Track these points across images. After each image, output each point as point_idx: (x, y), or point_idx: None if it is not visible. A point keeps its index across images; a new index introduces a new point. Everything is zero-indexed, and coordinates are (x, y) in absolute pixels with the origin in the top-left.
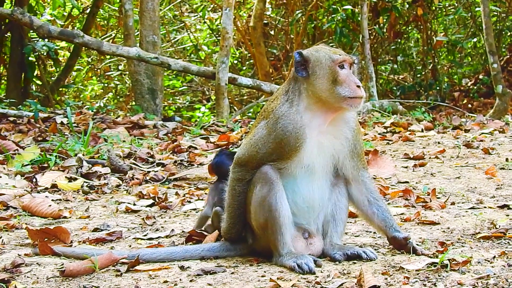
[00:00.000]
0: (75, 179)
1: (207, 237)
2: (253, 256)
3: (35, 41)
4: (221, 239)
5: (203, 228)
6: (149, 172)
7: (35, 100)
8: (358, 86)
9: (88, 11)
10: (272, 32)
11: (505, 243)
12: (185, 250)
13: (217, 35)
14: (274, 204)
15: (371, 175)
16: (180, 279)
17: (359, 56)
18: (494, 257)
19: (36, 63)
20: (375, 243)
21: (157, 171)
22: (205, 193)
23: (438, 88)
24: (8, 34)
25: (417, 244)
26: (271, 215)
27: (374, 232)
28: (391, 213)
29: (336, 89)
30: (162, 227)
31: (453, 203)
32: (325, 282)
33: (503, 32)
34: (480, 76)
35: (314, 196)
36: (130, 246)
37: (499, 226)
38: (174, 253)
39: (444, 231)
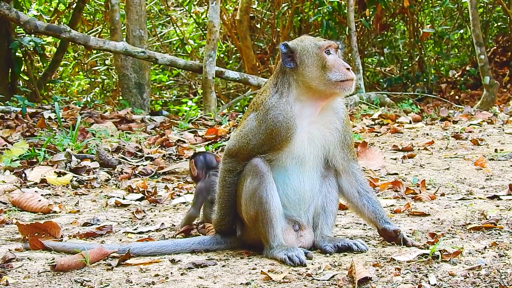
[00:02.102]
0: (64, 174)
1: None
2: (243, 249)
3: (22, 37)
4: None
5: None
6: (138, 166)
7: (22, 96)
8: (348, 69)
9: (74, 6)
10: (258, 26)
11: (496, 234)
12: (175, 244)
13: (203, 29)
14: (264, 197)
15: (360, 167)
16: (171, 273)
17: (344, 47)
18: (485, 247)
19: (23, 58)
20: (366, 235)
21: (145, 165)
22: (194, 187)
23: (425, 80)
24: None
25: (408, 236)
26: (262, 208)
27: (364, 224)
28: (381, 205)
29: (326, 75)
30: (152, 221)
31: (442, 194)
32: (316, 274)
33: (490, 23)
34: (467, 68)
35: (304, 188)
36: (120, 240)
37: (490, 216)
38: (165, 246)
39: (434, 222)
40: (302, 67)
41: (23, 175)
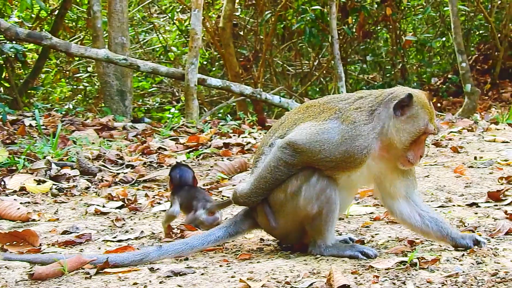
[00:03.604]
0: (44, 181)
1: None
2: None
3: (3, 44)
4: None
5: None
6: (118, 174)
7: (3, 103)
8: (421, 157)
9: (56, 13)
10: (241, 33)
11: None
12: (191, 246)
13: (186, 36)
14: (333, 197)
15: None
16: (150, 281)
17: (327, 55)
18: (463, 255)
19: (4, 65)
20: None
21: (126, 172)
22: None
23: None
24: None
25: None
26: (330, 207)
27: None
28: (444, 221)
29: (408, 148)
30: (131, 228)
31: None
32: (295, 282)
33: (472, 31)
34: (449, 75)
35: (343, 207)
36: (99, 248)
37: (468, 224)
38: (185, 249)
39: None
40: (402, 124)
41: (2, 183)
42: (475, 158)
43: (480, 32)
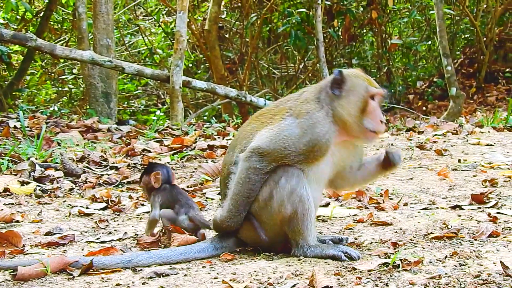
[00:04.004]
0: (28, 183)
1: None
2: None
3: None
4: None
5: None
6: (102, 175)
7: None
8: (382, 122)
9: (41, 14)
10: (227, 36)
11: (457, 243)
12: (179, 253)
13: (172, 39)
14: (305, 195)
15: None
16: (133, 282)
17: (313, 58)
18: (446, 257)
19: None
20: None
21: (110, 174)
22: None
23: (393, 90)
24: None
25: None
26: (303, 206)
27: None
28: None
29: (362, 119)
30: (115, 230)
31: (405, 204)
32: (278, 283)
33: (457, 35)
34: (435, 79)
35: (317, 202)
36: (82, 249)
37: (451, 226)
38: (169, 257)
39: (396, 232)
40: (345, 100)
41: None
42: (459, 161)
43: (466, 35)
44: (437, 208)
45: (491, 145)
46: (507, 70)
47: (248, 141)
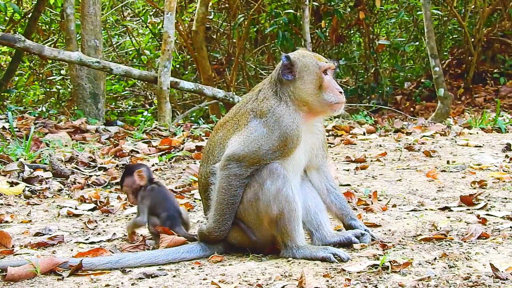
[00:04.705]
0: (17, 183)
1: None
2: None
3: None
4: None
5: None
6: (91, 176)
7: None
8: (341, 92)
9: (29, 15)
10: (214, 36)
11: (446, 245)
12: (166, 253)
13: (159, 40)
14: (291, 196)
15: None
16: (122, 283)
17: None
18: (435, 258)
19: None
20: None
21: (99, 175)
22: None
23: (380, 91)
24: None
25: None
26: (289, 207)
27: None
28: (347, 202)
29: (322, 94)
30: (104, 231)
31: (394, 206)
32: (267, 284)
33: (445, 36)
34: (422, 80)
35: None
36: (71, 250)
37: (440, 228)
38: (156, 257)
39: (385, 233)
40: (300, 82)
41: None
42: (448, 162)
43: (454, 36)
44: (426, 209)
45: (479, 146)
46: (495, 71)
47: (220, 150)
